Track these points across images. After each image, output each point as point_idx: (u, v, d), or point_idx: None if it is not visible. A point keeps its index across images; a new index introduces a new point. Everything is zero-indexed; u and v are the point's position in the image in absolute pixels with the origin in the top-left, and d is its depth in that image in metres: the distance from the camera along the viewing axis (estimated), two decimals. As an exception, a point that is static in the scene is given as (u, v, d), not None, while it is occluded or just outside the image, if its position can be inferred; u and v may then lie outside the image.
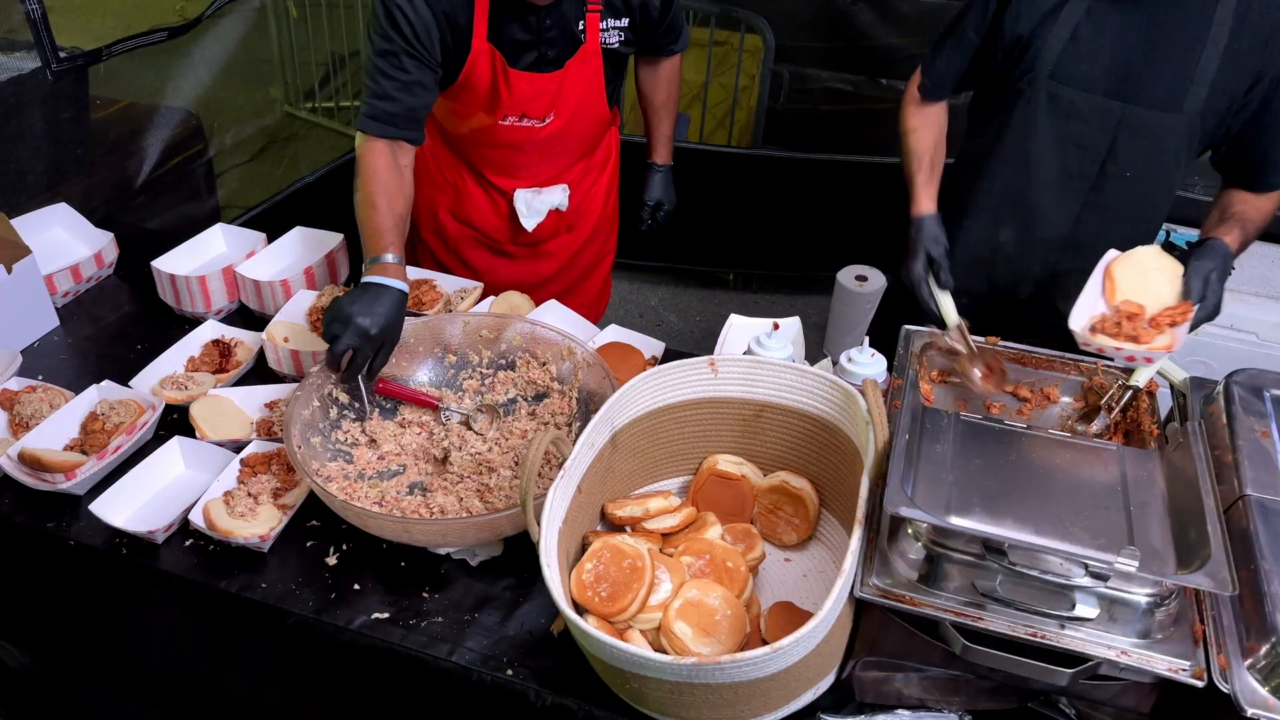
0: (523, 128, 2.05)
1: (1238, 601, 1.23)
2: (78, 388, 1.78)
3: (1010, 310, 2.02)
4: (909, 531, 1.26)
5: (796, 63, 3.82)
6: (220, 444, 1.69)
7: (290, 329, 1.94)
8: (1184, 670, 1.15)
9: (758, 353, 1.69)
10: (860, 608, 1.31)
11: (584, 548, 1.41)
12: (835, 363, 1.74)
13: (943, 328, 1.72)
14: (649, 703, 1.25)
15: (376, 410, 1.76)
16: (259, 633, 1.54)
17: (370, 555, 1.55)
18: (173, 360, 1.90)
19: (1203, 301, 1.61)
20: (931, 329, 1.72)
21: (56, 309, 2.07)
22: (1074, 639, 1.18)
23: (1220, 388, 1.53)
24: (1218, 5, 1.68)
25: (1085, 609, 1.18)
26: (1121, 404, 1.57)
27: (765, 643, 1.15)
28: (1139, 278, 1.64)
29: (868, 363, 1.68)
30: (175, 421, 1.77)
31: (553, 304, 2.05)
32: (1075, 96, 1.77)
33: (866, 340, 1.71)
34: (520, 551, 1.53)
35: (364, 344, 1.58)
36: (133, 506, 1.60)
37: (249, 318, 2.11)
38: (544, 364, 1.82)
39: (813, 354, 1.87)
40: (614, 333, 1.99)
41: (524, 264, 2.35)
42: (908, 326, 1.71)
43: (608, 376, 1.67)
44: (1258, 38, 1.68)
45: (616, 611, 1.28)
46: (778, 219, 3.93)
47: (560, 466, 1.34)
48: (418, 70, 1.83)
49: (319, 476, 1.58)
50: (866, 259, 3.54)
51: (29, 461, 1.59)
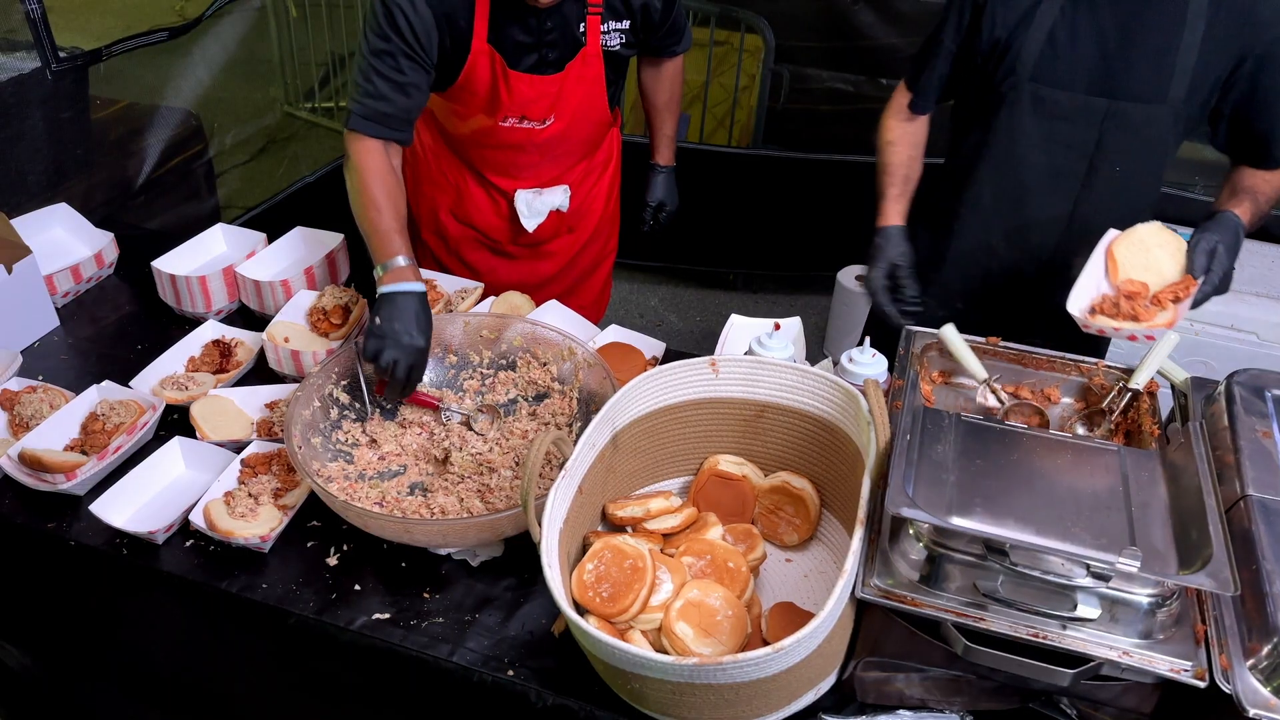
0: (523, 129, 2.05)
1: (1239, 602, 1.23)
2: (78, 388, 1.78)
3: (1008, 309, 2.02)
4: (910, 532, 1.25)
5: (796, 63, 3.82)
6: (221, 444, 1.69)
7: (291, 329, 1.93)
8: (1186, 671, 1.15)
9: (759, 353, 1.69)
10: (861, 608, 1.31)
11: (585, 548, 1.41)
12: (836, 363, 1.74)
13: (898, 333, 1.72)
14: (650, 703, 1.25)
15: (377, 411, 1.76)
16: (259, 633, 1.53)
17: (371, 556, 1.55)
18: (173, 360, 1.90)
19: (1208, 274, 1.60)
20: (931, 331, 1.71)
21: (57, 309, 2.07)
22: (1075, 639, 1.18)
23: (1221, 388, 1.52)
24: None
25: (1087, 609, 1.18)
26: (1122, 406, 1.57)
27: (766, 643, 1.15)
28: (1141, 255, 1.63)
29: (869, 363, 1.68)
30: (176, 422, 1.77)
31: (553, 304, 2.05)
32: (1058, 96, 1.77)
33: (868, 340, 1.71)
34: (521, 552, 1.53)
35: (419, 358, 1.65)
36: (133, 507, 1.60)
37: (249, 318, 2.11)
38: (545, 364, 1.82)
39: (813, 354, 1.87)
40: (614, 333, 1.99)
41: (525, 265, 2.34)
42: (909, 327, 1.71)
43: (608, 377, 1.67)
44: (1235, 19, 1.68)
45: (618, 612, 1.27)
46: (778, 219, 3.93)
47: (561, 467, 1.34)
48: (414, 72, 1.82)
49: (320, 477, 1.58)
50: (866, 259, 3.53)
51: (29, 462, 1.59)
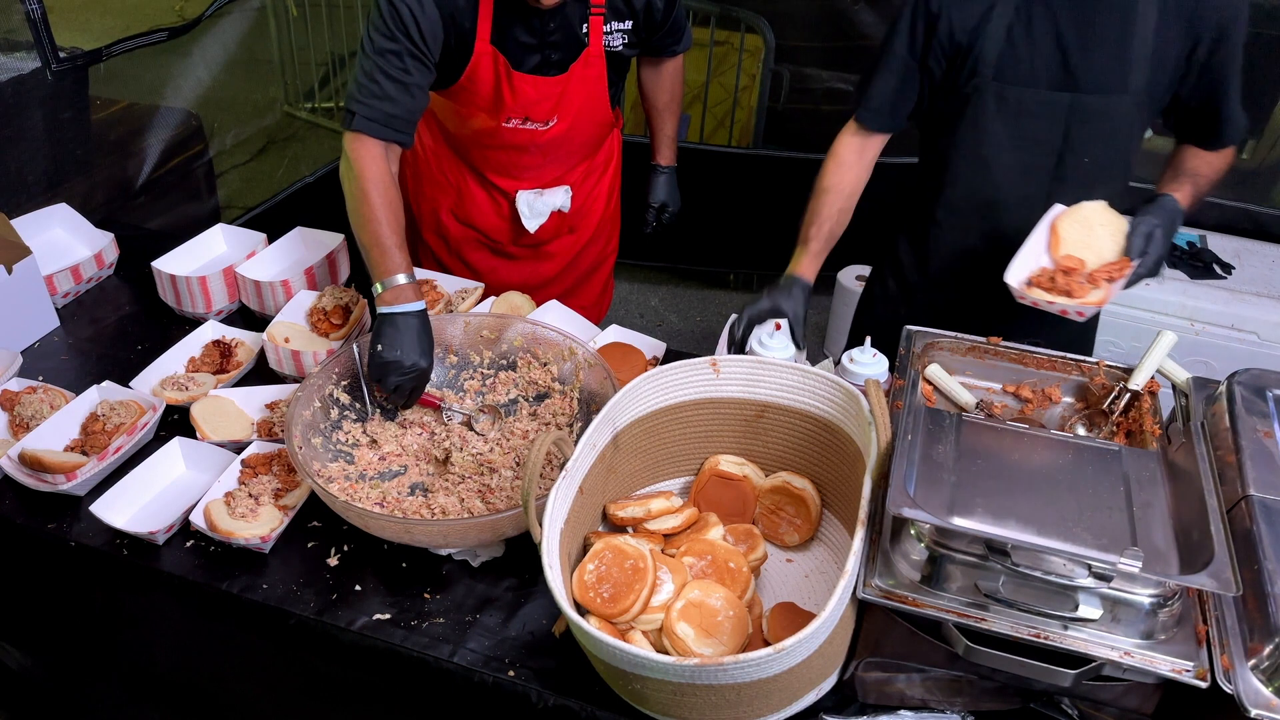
0: (526, 130, 2.04)
1: (1241, 602, 1.23)
2: (78, 388, 1.78)
3: (993, 308, 2.01)
4: (911, 532, 1.25)
5: (796, 63, 3.82)
6: (221, 445, 1.69)
7: (291, 329, 1.93)
8: (1187, 671, 1.15)
9: (759, 353, 1.69)
10: (863, 608, 1.31)
11: (586, 548, 1.41)
12: (837, 363, 1.74)
13: (743, 351, 1.73)
14: (651, 704, 1.25)
15: (378, 411, 1.76)
16: (260, 634, 1.53)
17: (371, 556, 1.55)
18: (173, 361, 1.90)
19: (1143, 258, 1.63)
20: (940, 332, 1.70)
21: (57, 309, 2.07)
22: (1077, 640, 1.18)
23: (1223, 388, 1.52)
24: None
25: (1088, 610, 1.18)
26: (1122, 406, 1.57)
27: (767, 643, 1.15)
28: (1084, 232, 1.67)
29: (869, 363, 1.68)
30: (176, 422, 1.77)
31: (554, 304, 2.05)
32: (1022, 94, 1.78)
33: (869, 340, 1.71)
34: (522, 552, 1.53)
35: (422, 379, 1.70)
36: (133, 507, 1.60)
37: (249, 318, 2.11)
38: (545, 364, 1.81)
39: (814, 354, 1.86)
40: (615, 333, 1.99)
41: (526, 265, 2.34)
42: (909, 327, 1.71)
43: (609, 377, 1.67)
44: (1186, 3, 1.70)
45: (618, 612, 1.27)
46: (778, 219, 3.88)
47: (562, 467, 1.33)
48: (419, 72, 1.80)
49: (320, 477, 1.58)
50: (866, 259, 3.53)
51: (30, 462, 1.59)
